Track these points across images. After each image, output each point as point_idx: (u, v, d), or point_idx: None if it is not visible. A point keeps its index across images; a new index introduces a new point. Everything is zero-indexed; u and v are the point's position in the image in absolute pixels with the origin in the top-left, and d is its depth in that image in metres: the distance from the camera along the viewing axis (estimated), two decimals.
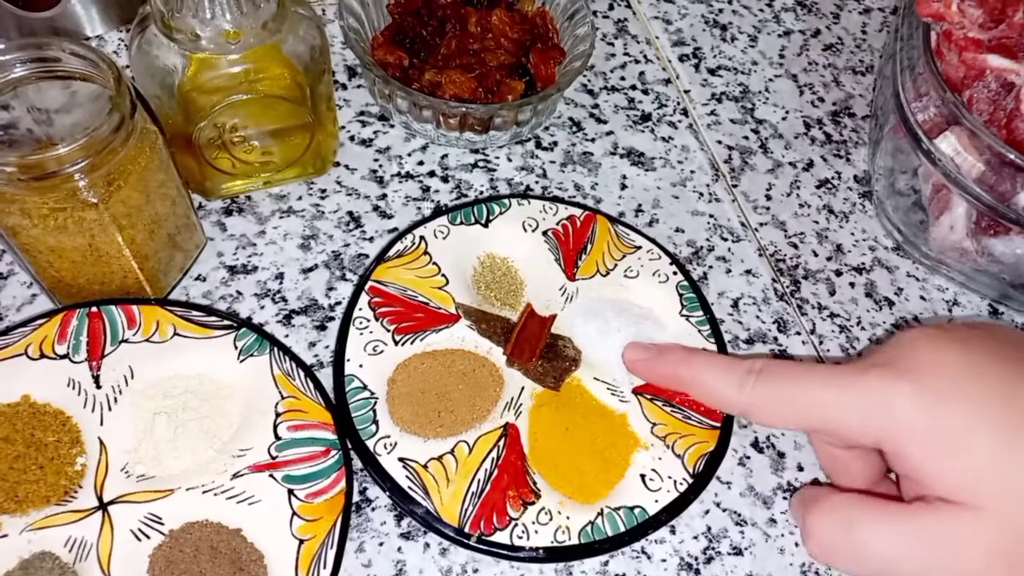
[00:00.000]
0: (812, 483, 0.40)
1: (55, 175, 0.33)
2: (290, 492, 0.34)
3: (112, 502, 0.34)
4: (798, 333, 0.45)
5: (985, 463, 0.27)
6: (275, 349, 0.38)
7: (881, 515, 0.29)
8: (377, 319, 0.40)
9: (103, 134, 0.34)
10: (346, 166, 0.48)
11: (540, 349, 0.39)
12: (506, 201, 0.45)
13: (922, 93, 0.43)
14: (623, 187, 0.50)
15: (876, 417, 0.29)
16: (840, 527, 0.30)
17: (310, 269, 0.44)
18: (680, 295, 0.43)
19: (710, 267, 0.47)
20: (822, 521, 0.31)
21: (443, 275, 0.42)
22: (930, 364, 0.29)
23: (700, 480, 0.37)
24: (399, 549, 0.36)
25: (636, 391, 0.39)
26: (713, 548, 0.38)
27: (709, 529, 0.39)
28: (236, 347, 0.38)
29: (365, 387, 0.38)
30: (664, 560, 0.38)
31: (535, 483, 0.36)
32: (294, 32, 0.40)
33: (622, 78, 0.55)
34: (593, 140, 0.52)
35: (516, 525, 0.35)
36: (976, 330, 0.32)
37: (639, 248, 0.44)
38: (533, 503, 0.35)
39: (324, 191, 0.47)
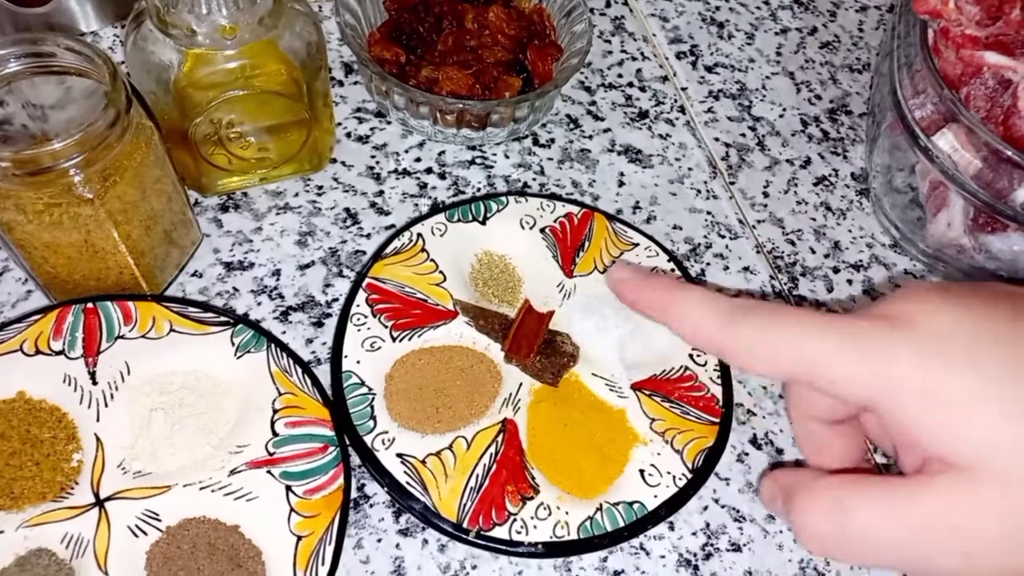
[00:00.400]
0: (775, 466, 0.40)
1: (50, 170, 0.33)
2: (288, 488, 0.34)
3: (109, 498, 0.33)
4: None
5: (995, 422, 0.24)
6: (272, 345, 0.38)
7: (877, 495, 0.26)
8: (375, 315, 0.40)
9: (99, 129, 0.34)
10: (343, 163, 0.48)
11: (538, 345, 0.39)
12: (504, 198, 0.45)
13: (919, 90, 0.43)
14: (620, 184, 0.50)
15: (874, 370, 0.26)
16: (833, 516, 0.27)
17: (307, 266, 0.44)
18: None
19: (708, 264, 0.47)
20: (812, 513, 0.28)
21: (441, 272, 0.42)
22: (935, 319, 0.26)
23: (699, 475, 0.37)
24: (397, 546, 0.36)
25: (635, 387, 0.39)
26: (712, 544, 0.38)
27: (708, 525, 0.39)
28: (233, 343, 0.38)
29: (363, 383, 0.38)
30: (663, 556, 0.37)
31: (534, 478, 0.36)
32: (290, 28, 0.40)
33: (619, 75, 0.55)
34: (591, 137, 0.52)
35: (515, 520, 0.35)
36: (981, 288, 0.29)
37: (637, 245, 0.44)
38: (532, 498, 0.35)
39: (321, 188, 0.47)
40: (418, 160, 0.49)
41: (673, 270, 0.43)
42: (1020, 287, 0.29)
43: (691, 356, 0.40)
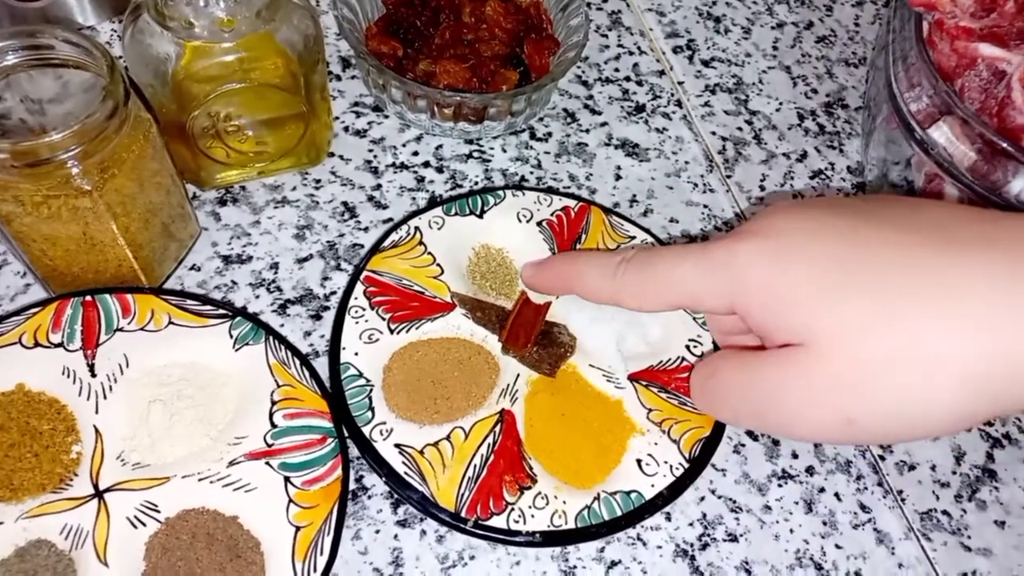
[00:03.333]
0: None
1: (48, 162, 0.33)
2: (286, 480, 0.34)
3: (108, 490, 0.34)
4: None
5: (816, 303, 0.27)
6: (270, 338, 0.38)
7: (736, 364, 0.31)
8: (372, 308, 0.40)
9: (97, 121, 0.34)
10: (340, 156, 0.48)
11: (535, 336, 0.39)
12: (501, 192, 0.45)
13: (914, 83, 0.43)
14: (617, 178, 0.50)
15: (722, 281, 0.30)
16: (706, 376, 0.34)
17: (305, 259, 0.44)
18: None
19: None
20: (696, 373, 0.35)
21: (438, 265, 0.42)
22: (775, 225, 0.30)
23: (696, 465, 0.37)
24: (395, 536, 0.37)
25: (631, 377, 0.39)
26: (708, 535, 0.38)
27: (704, 516, 0.39)
28: (231, 336, 0.38)
29: (361, 375, 0.38)
30: (660, 547, 0.38)
31: (531, 468, 0.36)
32: (288, 21, 0.40)
33: (616, 69, 0.55)
34: (587, 131, 0.52)
35: (512, 510, 0.35)
36: (835, 199, 0.33)
37: (634, 238, 0.44)
38: (529, 488, 0.35)
39: (319, 181, 0.47)
40: (416, 154, 0.49)
41: None
42: (881, 197, 0.31)
43: (687, 347, 0.41)
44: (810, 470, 0.41)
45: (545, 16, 0.52)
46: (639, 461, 0.37)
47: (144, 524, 0.33)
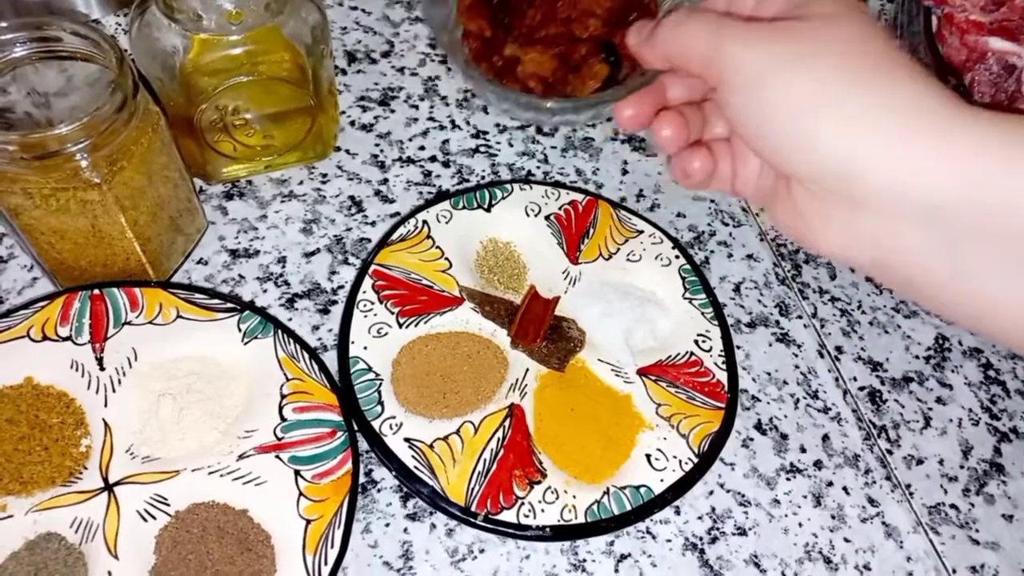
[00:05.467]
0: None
1: (57, 154, 0.33)
2: (296, 473, 0.34)
3: (118, 483, 0.34)
4: (800, 317, 0.46)
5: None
6: (279, 331, 0.38)
7: (747, 25, 0.27)
8: (381, 302, 0.40)
9: (106, 114, 0.34)
10: (347, 151, 0.48)
11: (544, 330, 0.39)
12: (508, 186, 0.45)
13: None
14: (624, 172, 0.50)
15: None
16: (708, 26, 0.27)
17: (312, 253, 0.44)
18: (683, 278, 0.43)
19: (712, 252, 0.47)
20: (687, 23, 0.28)
21: (446, 259, 0.42)
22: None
23: (705, 460, 0.37)
24: (405, 530, 0.36)
25: (640, 372, 0.39)
26: (717, 528, 0.38)
27: (713, 510, 0.39)
28: (240, 329, 0.38)
29: (370, 369, 0.38)
30: (669, 540, 0.38)
31: (541, 463, 0.36)
32: (295, 14, 0.40)
33: None
34: (594, 125, 0.52)
35: (523, 504, 0.35)
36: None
37: (641, 232, 0.44)
38: (539, 482, 0.35)
39: (325, 176, 0.47)
40: (422, 148, 0.49)
41: (678, 257, 0.43)
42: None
43: (696, 342, 0.41)
44: (818, 464, 0.41)
45: None
46: (648, 456, 0.37)
47: (154, 517, 0.33)
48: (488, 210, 0.44)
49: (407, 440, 0.36)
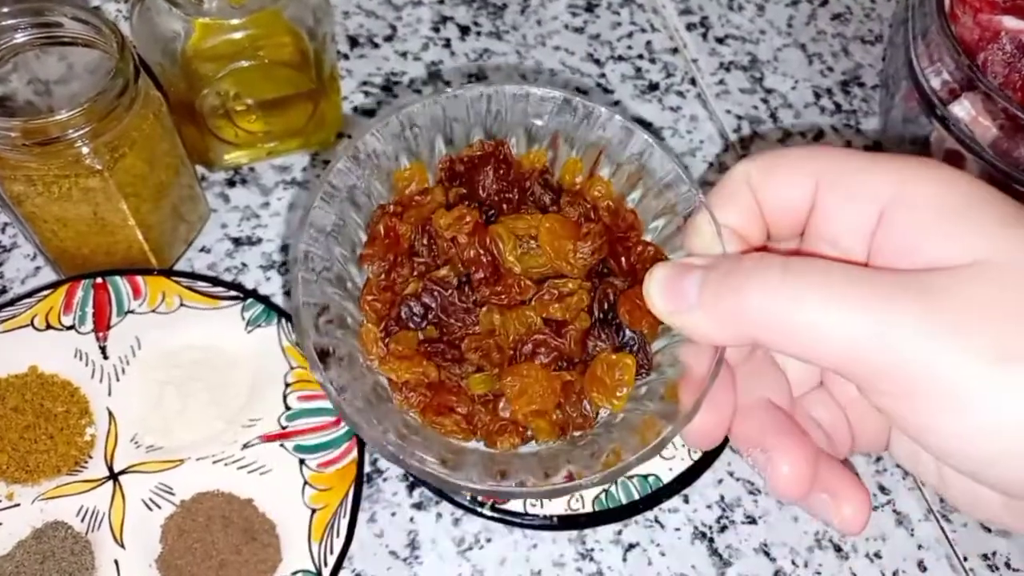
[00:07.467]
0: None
1: (58, 141, 0.33)
2: (301, 462, 0.34)
3: (123, 472, 0.33)
4: None
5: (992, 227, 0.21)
6: (283, 320, 0.38)
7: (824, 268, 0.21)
8: None
9: (107, 99, 0.33)
10: (349, 137, 0.48)
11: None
12: None
13: (935, 59, 0.42)
14: None
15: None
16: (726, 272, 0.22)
17: None
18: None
19: None
20: (766, 269, 0.22)
21: None
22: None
23: (714, 448, 0.37)
24: (411, 519, 0.36)
25: None
26: (727, 517, 0.38)
27: (723, 498, 0.38)
28: (243, 318, 0.37)
29: None
30: (678, 529, 0.37)
31: None
32: None
33: (629, 47, 0.54)
34: None
35: None
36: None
37: None
38: None
39: (328, 162, 0.46)
40: None
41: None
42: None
43: None
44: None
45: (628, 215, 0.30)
46: None
47: (159, 506, 0.33)
48: None
49: None
